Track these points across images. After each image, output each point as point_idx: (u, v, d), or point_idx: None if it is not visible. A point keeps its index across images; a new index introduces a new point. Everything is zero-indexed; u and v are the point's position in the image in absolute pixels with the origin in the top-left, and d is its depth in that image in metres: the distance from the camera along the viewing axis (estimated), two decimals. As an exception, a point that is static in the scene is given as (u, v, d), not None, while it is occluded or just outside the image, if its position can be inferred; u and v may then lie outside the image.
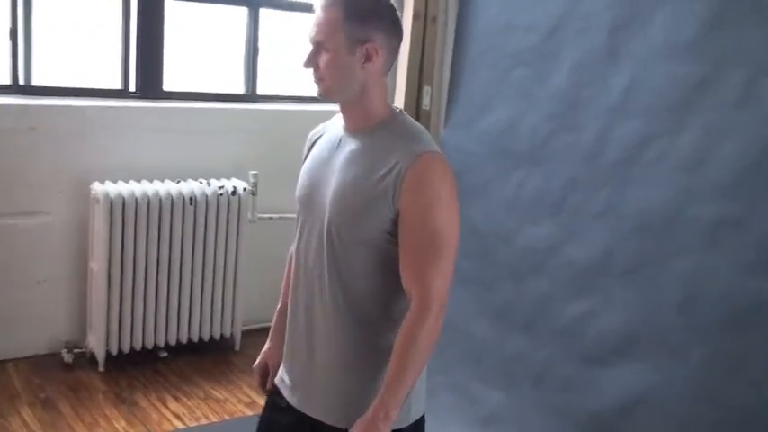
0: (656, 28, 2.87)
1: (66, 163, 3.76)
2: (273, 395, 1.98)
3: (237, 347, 4.17)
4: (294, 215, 1.92)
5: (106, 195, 3.61)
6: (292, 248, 2.03)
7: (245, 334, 4.21)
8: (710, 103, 2.68)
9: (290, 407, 1.89)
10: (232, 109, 4.30)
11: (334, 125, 1.88)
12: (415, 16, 3.96)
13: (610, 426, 2.77)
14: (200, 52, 4.35)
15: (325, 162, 1.81)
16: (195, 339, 4.03)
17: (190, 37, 4.26)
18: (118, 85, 4.01)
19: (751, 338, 2.46)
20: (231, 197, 3.97)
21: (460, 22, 3.69)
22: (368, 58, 1.70)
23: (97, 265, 3.70)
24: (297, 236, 1.88)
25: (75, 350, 3.83)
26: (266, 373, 2.05)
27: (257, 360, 2.08)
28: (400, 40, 1.78)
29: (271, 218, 4.26)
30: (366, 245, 1.72)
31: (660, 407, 2.68)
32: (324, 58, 1.71)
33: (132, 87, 4.03)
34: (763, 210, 2.50)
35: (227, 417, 3.50)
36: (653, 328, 2.74)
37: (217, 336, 4.10)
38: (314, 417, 1.83)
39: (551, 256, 3.08)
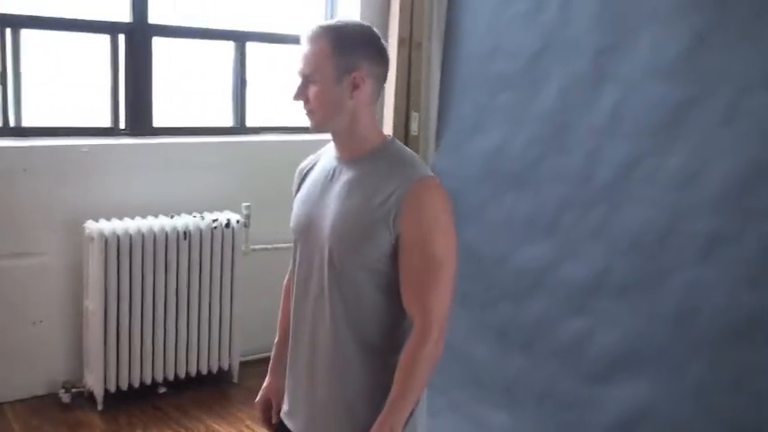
0: (641, 50, 2.95)
1: (59, 202, 3.76)
2: (279, 427, 2.00)
3: (236, 379, 4.16)
4: (287, 245, 1.95)
5: (101, 233, 3.62)
6: (285, 280, 2.06)
7: (243, 365, 4.22)
8: (698, 123, 2.75)
9: None
10: (222, 142, 4.32)
11: (325, 156, 1.92)
12: (401, 43, 4.03)
13: (614, 442, 2.81)
14: (188, 87, 4.38)
15: (321, 192, 1.84)
16: (193, 373, 4.02)
17: (178, 73, 4.29)
18: (108, 123, 4.02)
19: (750, 352, 2.51)
20: (225, 230, 3.99)
21: (447, 48, 3.76)
22: (355, 87, 1.74)
23: (93, 303, 3.70)
24: (295, 266, 1.91)
25: (73, 390, 3.81)
26: (269, 408, 2.07)
27: (258, 396, 2.09)
28: (387, 67, 1.82)
29: (265, 248, 4.29)
30: (368, 270, 1.75)
31: (662, 422, 2.71)
32: (313, 90, 1.75)
33: (122, 125, 4.04)
34: (755, 224, 2.56)
35: (230, 450, 3.50)
36: (652, 344, 2.79)
37: (215, 369, 4.09)
38: None
39: (547, 275, 3.13)
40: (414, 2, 4.03)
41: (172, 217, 3.91)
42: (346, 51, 1.73)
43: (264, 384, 2.08)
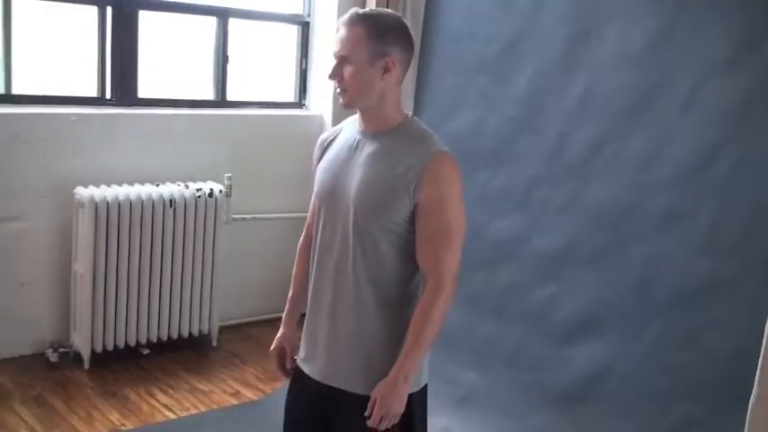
0: (608, 40, 3.21)
1: (48, 169, 3.89)
2: (294, 377, 2.21)
3: (215, 343, 4.35)
4: (266, 215, 2.12)
5: (91, 199, 3.76)
6: (300, 242, 2.28)
7: (221, 330, 4.41)
8: (659, 108, 3.02)
9: (309, 383, 2.12)
10: (204, 115, 4.47)
11: (347, 129, 2.13)
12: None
13: (577, 398, 3.09)
14: (172, 60, 4.51)
15: (345, 161, 2.05)
16: (175, 336, 4.19)
17: (163, 45, 4.41)
18: (94, 93, 4.14)
19: (700, 315, 2.81)
20: (208, 199, 4.16)
21: (426, 31, 3.97)
22: (386, 70, 1.96)
23: (82, 266, 3.84)
24: (318, 228, 2.11)
25: (60, 349, 3.96)
26: (284, 356, 2.27)
27: (273, 345, 2.29)
28: (412, 54, 2.05)
29: (243, 218, 4.47)
30: (388, 231, 1.98)
31: (621, 378, 3.01)
32: (348, 71, 1.96)
33: (108, 95, 4.16)
34: (708, 202, 2.86)
35: (214, 407, 3.69)
36: (613, 309, 3.07)
37: (195, 332, 4.27)
38: (337, 386, 2.06)
39: (519, 246, 3.39)
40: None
41: (157, 185, 4.06)
42: (380, 38, 1.94)
43: (279, 334, 2.28)
